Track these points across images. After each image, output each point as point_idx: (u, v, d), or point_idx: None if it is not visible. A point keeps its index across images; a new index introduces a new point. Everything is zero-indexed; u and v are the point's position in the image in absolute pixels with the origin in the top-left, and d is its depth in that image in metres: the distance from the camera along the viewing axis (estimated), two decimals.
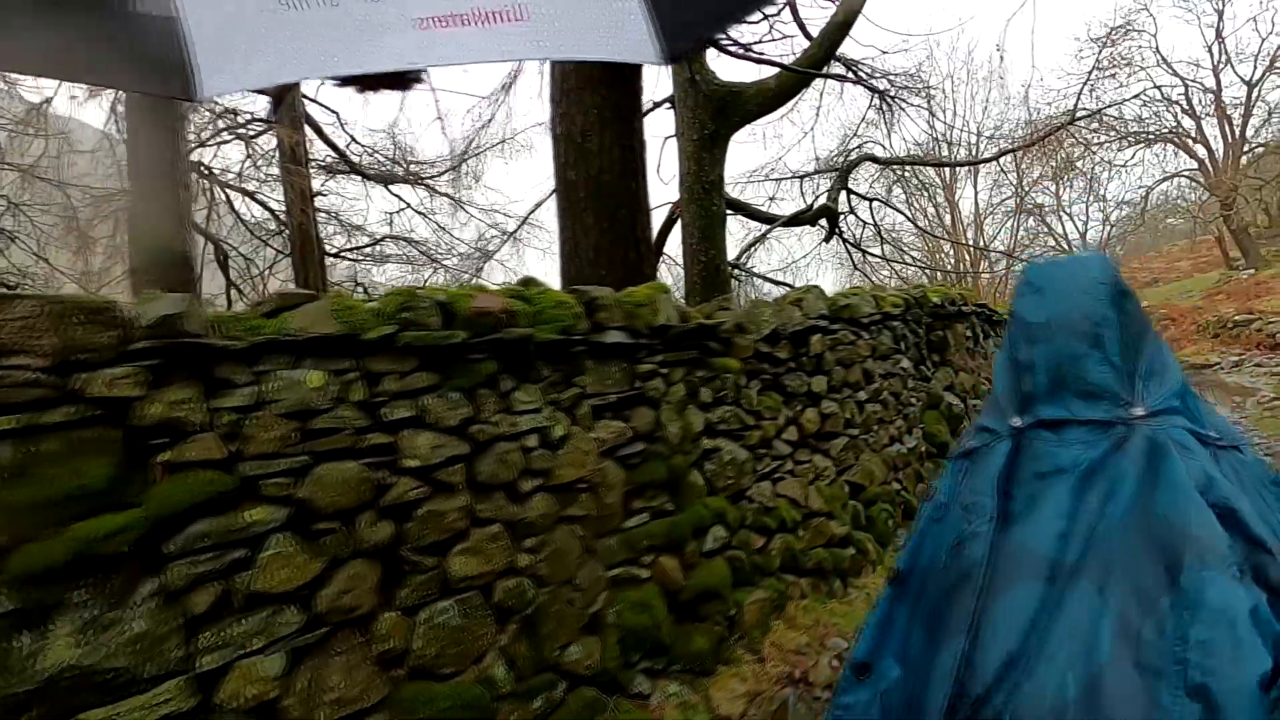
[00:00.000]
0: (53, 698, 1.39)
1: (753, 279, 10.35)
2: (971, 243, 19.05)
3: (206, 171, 10.78)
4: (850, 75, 8.61)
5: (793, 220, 9.82)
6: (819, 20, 6.82)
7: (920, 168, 15.74)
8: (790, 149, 23.34)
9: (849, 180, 10.38)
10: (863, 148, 11.68)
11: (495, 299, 2.23)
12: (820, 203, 9.95)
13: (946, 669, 0.77)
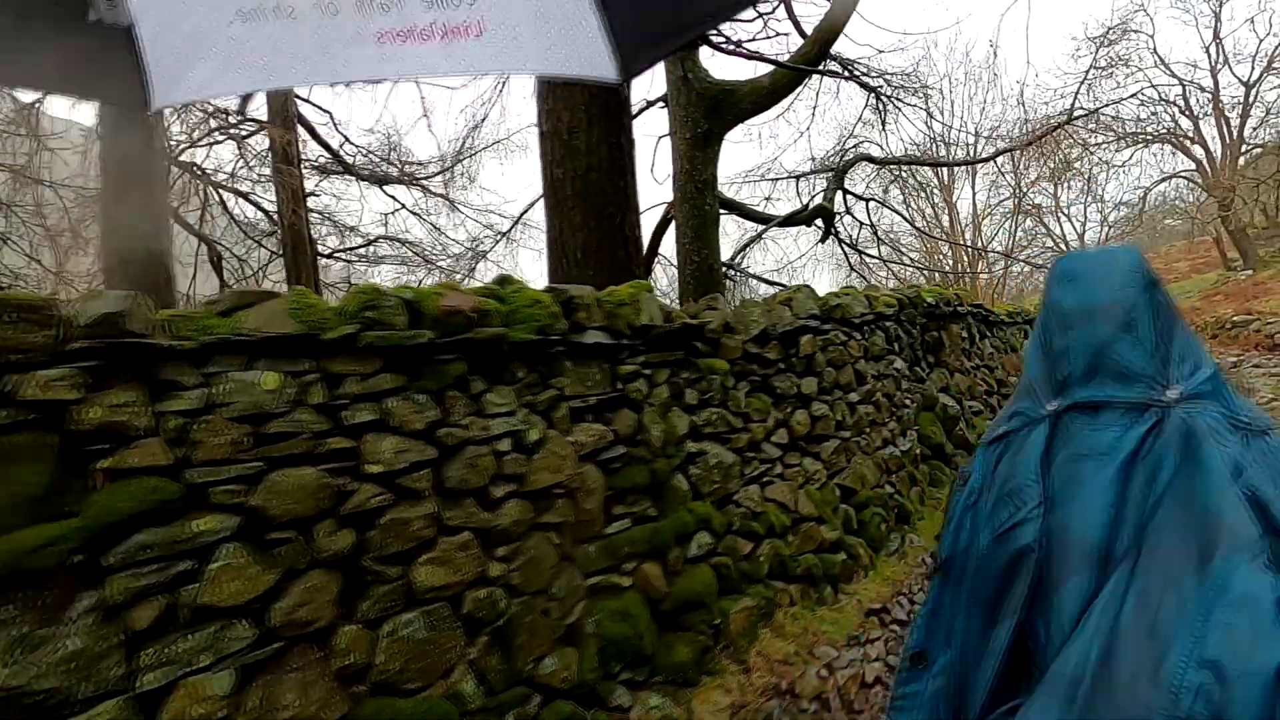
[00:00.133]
0: None
1: (748, 280, 10.25)
2: (969, 243, 18.99)
3: (199, 172, 10.74)
4: (841, 71, 8.52)
5: (788, 220, 9.72)
6: (814, 17, 6.71)
7: (918, 168, 15.69)
8: (786, 149, 23.42)
9: (845, 180, 10.31)
10: (859, 147, 11.61)
11: (465, 297, 2.15)
12: (816, 203, 9.87)
13: (999, 649, 0.80)
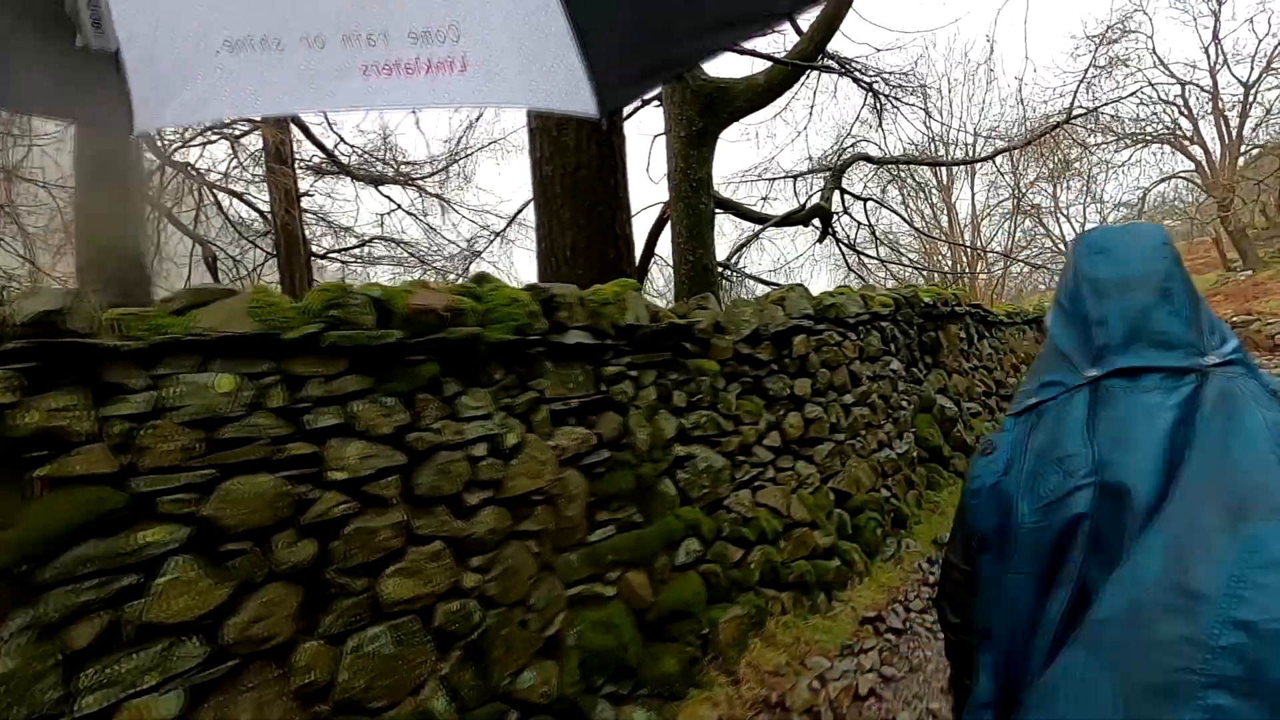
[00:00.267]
0: None
1: (744, 280, 10.15)
2: (968, 244, 18.91)
3: (193, 171, 10.65)
4: (838, 67, 8.43)
5: (785, 220, 9.61)
6: (810, 14, 6.58)
7: (916, 168, 15.59)
8: (784, 148, 23.22)
9: (843, 180, 10.21)
10: (857, 147, 11.52)
11: (438, 296, 2.05)
12: (813, 203, 9.78)
13: (1054, 616, 0.80)
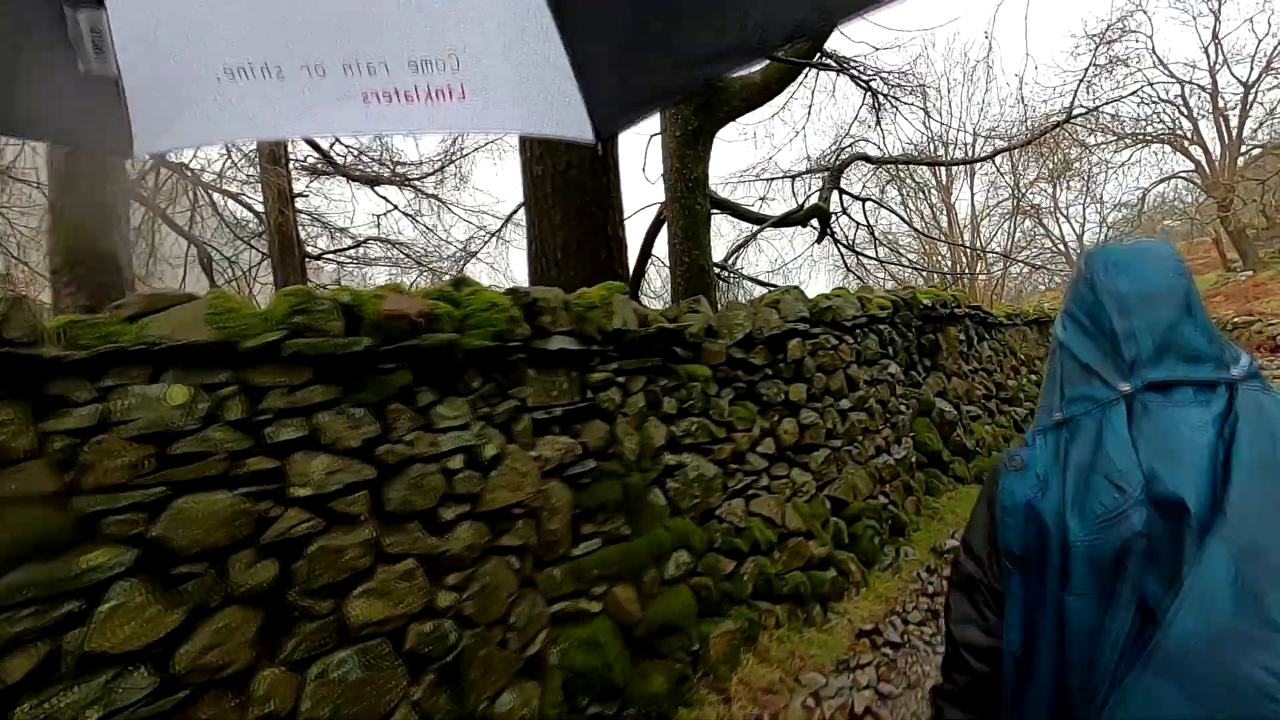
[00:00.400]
0: None
1: (741, 281, 10.04)
2: (967, 244, 18.82)
3: (188, 172, 10.55)
4: (835, 65, 8.33)
5: (783, 221, 9.51)
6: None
7: (915, 168, 15.50)
8: (782, 148, 23.11)
9: (841, 180, 10.12)
10: (856, 147, 11.42)
11: (410, 301, 1.95)
12: (811, 203, 9.68)
13: (1117, 636, 0.79)
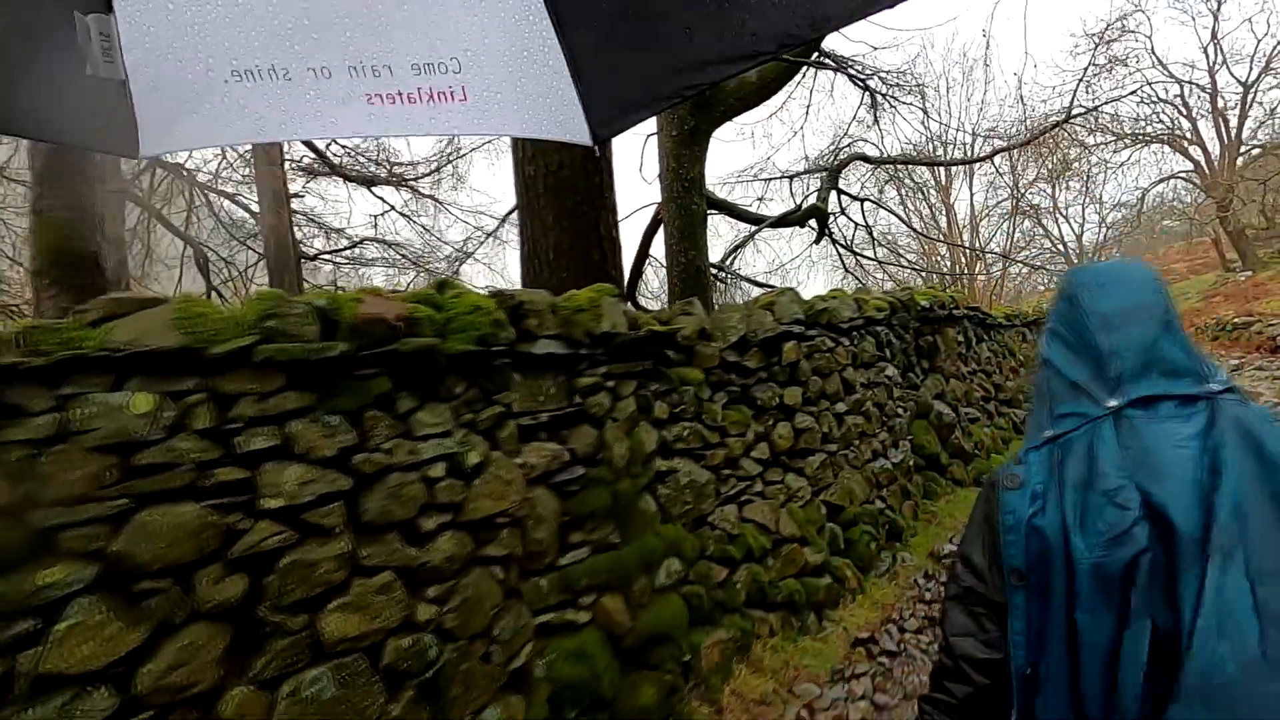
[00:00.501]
0: None
1: (739, 282, 9.98)
2: (967, 244, 18.78)
3: (183, 172, 10.49)
4: (833, 64, 8.28)
5: (780, 221, 9.45)
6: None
7: (914, 168, 15.44)
8: (780, 148, 22.95)
9: (839, 180, 10.06)
10: (854, 147, 11.37)
11: (389, 304, 1.89)
12: (810, 203, 9.62)
13: (1136, 652, 0.79)
